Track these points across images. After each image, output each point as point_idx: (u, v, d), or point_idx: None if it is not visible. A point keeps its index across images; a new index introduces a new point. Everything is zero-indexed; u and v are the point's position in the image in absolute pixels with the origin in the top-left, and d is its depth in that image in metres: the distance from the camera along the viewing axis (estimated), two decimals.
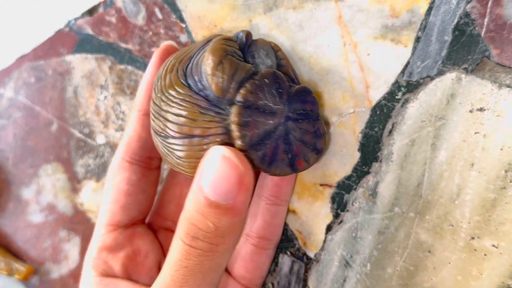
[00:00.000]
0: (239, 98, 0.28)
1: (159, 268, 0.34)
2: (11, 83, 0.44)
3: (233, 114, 0.27)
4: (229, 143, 0.28)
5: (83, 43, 0.41)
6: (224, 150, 0.26)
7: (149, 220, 0.37)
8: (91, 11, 0.41)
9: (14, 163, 0.44)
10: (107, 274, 0.32)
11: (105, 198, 0.33)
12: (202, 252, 0.26)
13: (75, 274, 0.43)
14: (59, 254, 0.43)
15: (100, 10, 0.41)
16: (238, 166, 0.26)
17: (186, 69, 0.29)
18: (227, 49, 0.28)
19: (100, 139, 0.42)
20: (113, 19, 0.40)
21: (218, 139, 0.28)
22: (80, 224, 0.43)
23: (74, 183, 0.43)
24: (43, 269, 0.44)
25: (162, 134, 0.29)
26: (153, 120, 0.29)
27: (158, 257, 0.34)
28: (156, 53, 0.33)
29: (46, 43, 0.43)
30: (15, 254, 0.45)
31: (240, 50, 0.29)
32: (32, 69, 0.43)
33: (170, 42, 0.35)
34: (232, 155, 0.26)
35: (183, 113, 0.28)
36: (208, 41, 0.30)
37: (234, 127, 0.28)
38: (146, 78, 0.33)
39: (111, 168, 0.33)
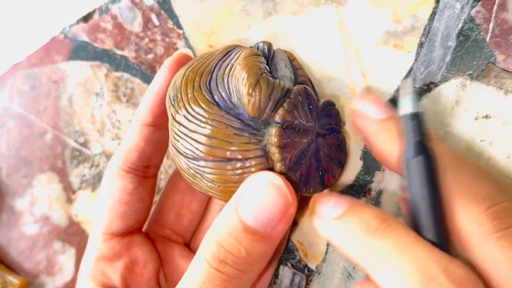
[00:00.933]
0: (277, 119, 0.26)
1: (157, 278, 0.33)
2: (5, 91, 0.43)
3: (273, 136, 0.26)
4: (268, 166, 0.27)
5: (78, 50, 0.41)
6: (273, 177, 0.26)
7: (147, 228, 0.36)
8: (86, 18, 0.40)
9: (7, 173, 0.43)
10: (106, 284, 0.31)
11: (100, 207, 0.32)
12: (228, 277, 0.26)
13: (70, 286, 0.42)
14: (53, 266, 0.42)
15: (96, 16, 0.40)
16: (287, 196, 0.26)
17: (209, 84, 0.28)
18: (260, 66, 0.27)
19: (95, 148, 0.41)
20: (109, 26, 0.39)
21: (258, 162, 0.27)
22: (75, 236, 0.42)
23: (69, 193, 0.42)
24: (37, 282, 0.43)
25: (190, 156, 0.28)
26: (177, 140, 0.28)
27: (157, 266, 0.33)
28: (168, 63, 0.32)
29: (41, 50, 0.42)
30: (8, 266, 0.44)
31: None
32: (26, 77, 0.42)
33: (185, 50, 0.35)
34: (282, 184, 0.26)
35: (217, 134, 0.27)
36: (227, 52, 0.29)
37: (274, 150, 0.26)
38: (155, 88, 0.32)
39: (106, 176, 0.33)
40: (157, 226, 0.35)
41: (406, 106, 0.27)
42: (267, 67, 0.28)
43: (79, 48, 0.40)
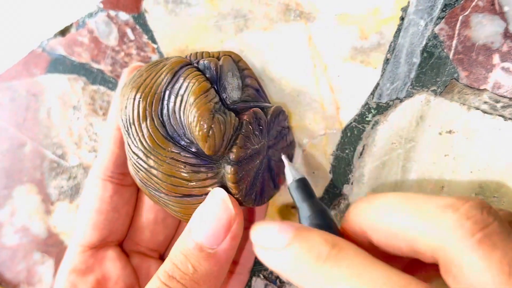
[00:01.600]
0: (232, 157, 0.27)
1: None
2: None
3: (229, 175, 0.27)
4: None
5: (56, 64, 0.41)
6: (217, 192, 0.27)
7: (123, 243, 0.36)
8: (63, 32, 0.41)
9: None
10: None
11: (78, 218, 0.33)
12: None
13: None
14: (33, 277, 0.43)
15: (73, 30, 0.40)
16: (230, 209, 0.26)
17: (161, 114, 0.28)
18: (210, 108, 0.27)
19: (73, 161, 0.41)
20: (86, 40, 0.40)
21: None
22: (53, 247, 0.42)
23: (48, 204, 0.42)
24: None
25: (152, 187, 0.28)
26: (137, 171, 0.29)
27: (130, 283, 0.33)
28: (129, 70, 0.33)
29: (19, 63, 0.42)
30: None
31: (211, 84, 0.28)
32: (5, 89, 0.43)
33: (139, 64, 0.35)
34: (226, 197, 0.27)
35: (175, 174, 0.28)
36: (174, 73, 0.29)
37: (231, 185, 0.27)
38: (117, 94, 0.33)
39: (85, 187, 0.34)
40: (131, 243, 0.35)
41: (288, 176, 0.29)
42: (216, 99, 0.28)
43: (56, 61, 0.41)
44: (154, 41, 0.38)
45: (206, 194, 0.28)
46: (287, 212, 0.36)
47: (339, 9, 0.32)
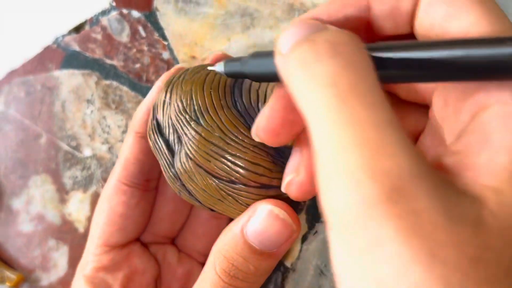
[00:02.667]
0: None
1: (155, 284, 0.35)
2: (2, 97, 0.45)
3: None
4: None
5: (70, 59, 0.43)
6: (279, 211, 0.26)
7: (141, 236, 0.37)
8: (77, 29, 0.42)
9: (5, 175, 0.45)
10: None
11: (99, 219, 0.33)
12: None
13: (64, 281, 0.44)
14: (48, 263, 0.45)
15: (87, 27, 0.42)
16: (292, 226, 0.26)
17: (235, 107, 0.28)
18: None
19: (87, 152, 0.43)
20: (99, 36, 0.41)
21: None
22: (68, 234, 0.44)
23: (62, 194, 0.44)
24: (33, 277, 0.45)
25: (225, 179, 0.27)
26: (207, 160, 0.27)
27: (154, 273, 0.35)
28: (164, 78, 0.33)
29: (35, 58, 0.44)
30: (6, 262, 0.46)
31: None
32: (21, 83, 0.44)
33: (181, 66, 0.34)
34: (287, 216, 0.26)
35: (260, 162, 0.27)
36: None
37: None
38: (149, 101, 0.32)
39: (107, 189, 0.33)
40: (149, 234, 0.36)
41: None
42: None
43: (71, 57, 0.43)
44: (164, 38, 0.39)
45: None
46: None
47: None
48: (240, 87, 0.29)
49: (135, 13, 0.40)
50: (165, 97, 0.29)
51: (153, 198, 0.35)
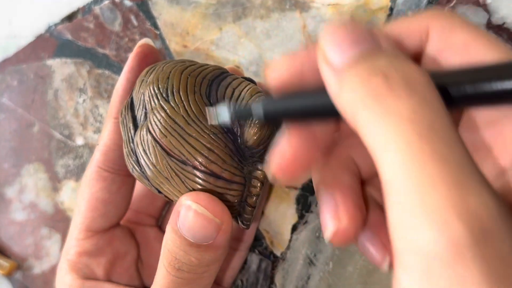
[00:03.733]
0: (259, 173, 0.28)
1: (136, 266, 0.35)
2: None
3: (262, 174, 0.28)
4: (242, 195, 0.28)
5: (63, 48, 0.42)
6: (194, 205, 0.26)
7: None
8: (70, 17, 0.42)
9: None
10: (89, 277, 0.33)
11: (81, 205, 0.33)
12: (188, 281, 0.28)
13: (56, 269, 0.44)
14: (41, 251, 0.44)
15: (79, 16, 0.42)
16: (213, 220, 0.26)
17: (208, 97, 0.28)
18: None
19: (79, 141, 0.43)
20: (91, 25, 0.41)
21: (238, 188, 0.28)
22: (60, 222, 0.44)
23: (55, 182, 0.44)
24: (26, 265, 0.45)
25: (178, 158, 0.27)
26: (164, 135, 0.27)
27: (135, 255, 0.35)
28: (132, 58, 0.32)
29: (27, 47, 0.44)
30: (0, 250, 0.46)
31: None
32: (14, 72, 0.44)
33: (146, 40, 0.33)
34: (205, 211, 0.26)
35: (216, 149, 0.27)
36: (222, 73, 0.30)
37: (258, 184, 0.28)
38: (122, 84, 0.32)
39: (88, 175, 0.33)
40: (131, 213, 0.36)
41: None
42: None
43: (63, 45, 0.42)
44: (156, 27, 0.39)
45: (232, 182, 0.27)
46: (282, 192, 0.37)
47: None
48: (219, 82, 0.29)
49: (127, 2, 0.40)
50: (145, 76, 0.29)
51: (134, 183, 0.35)
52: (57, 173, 0.44)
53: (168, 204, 0.38)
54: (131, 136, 0.28)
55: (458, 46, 0.21)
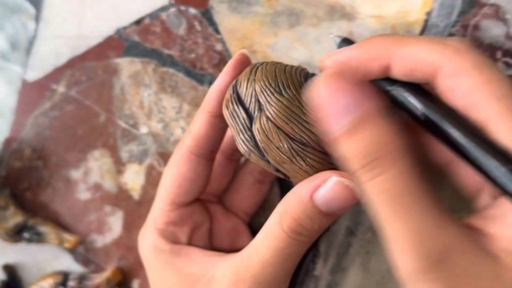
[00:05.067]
0: None
1: (209, 235, 0.41)
2: (64, 80, 0.50)
3: None
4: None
5: (130, 49, 0.48)
6: (345, 180, 0.30)
7: None
8: (138, 22, 0.48)
9: (65, 149, 0.50)
10: (176, 242, 0.38)
11: (168, 181, 0.38)
12: (303, 243, 0.33)
13: (118, 243, 0.49)
14: (103, 226, 0.50)
15: (147, 21, 0.47)
16: (357, 195, 0.30)
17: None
18: None
19: (143, 129, 0.48)
20: (158, 29, 0.47)
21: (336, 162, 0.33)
22: (123, 201, 0.49)
23: (119, 166, 0.49)
24: (89, 239, 0.50)
25: (298, 140, 0.33)
26: (286, 123, 0.33)
27: (209, 226, 0.41)
28: (232, 62, 0.37)
29: (97, 47, 0.49)
30: (64, 227, 0.51)
31: None
32: (83, 69, 0.50)
33: (244, 50, 0.38)
34: (353, 185, 0.30)
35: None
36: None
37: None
38: (219, 84, 0.37)
39: (177, 157, 0.38)
40: (203, 193, 0.42)
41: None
42: None
43: (131, 46, 0.48)
44: (218, 32, 0.45)
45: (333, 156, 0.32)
46: None
47: (376, 11, 0.40)
48: (309, 79, 0.35)
49: (192, 10, 0.45)
50: (250, 74, 0.34)
51: (212, 167, 0.40)
52: (121, 158, 0.49)
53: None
54: (247, 125, 0.34)
55: (462, 91, 0.26)
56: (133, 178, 0.49)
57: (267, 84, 0.34)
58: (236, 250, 0.36)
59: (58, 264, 0.51)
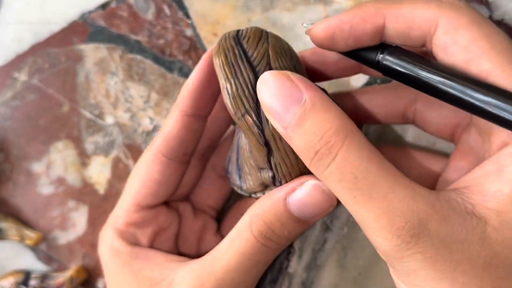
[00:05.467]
0: None
1: (176, 237, 0.38)
2: (26, 68, 0.47)
3: None
4: None
5: (96, 34, 0.45)
6: (325, 187, 0.28)
7: None
8: (104, 6, 0.45)
9: (26, 140, 0.47)
10: (135, 244, 0.36)
11: (135, 181, 0.36)
12: (271, 250, 0.30)
13: (82, 240, 0.47)
14: (67, 222, 0.47)
15: (113, 5, 0.45)
16: (333, 199, 0.29)
17: None
18: None
19: (109, 120, 0.45)
20: (125, 14, 0.44)
21: None
22: (88, 195, 0.46)
23: (84, 158, 0.46)
24: (51, 236, 0.47)
25: None
26: None
27: (175, 228, 0.38)
28: (205, 60, 0.34)
29: (60, 32, 0.46)
30: (25, 223, 0.48)
31: None
32: (46, 55, 0.47)
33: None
34: (329, 190, 0.28)
35: None
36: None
37: None
38: (193, 82, 0.34)
39: (146, 157, 0.36)
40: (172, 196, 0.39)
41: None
42: None
43: (96, 32, 0.45)
44: (188, 17, 0.43)
45: None
46: None
47: None
48: None
49: None
50: (262, 35, 0.33)
51: (185, 170, 0.38)
52: (86, 150, 0.46)
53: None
54: (251, 82, 0.30)
55: (461, 46, 0.25)
56: (99, 171, 0.46)
57: (283, 53, 0.32)
58: (202, 254, 0.33)
59: (19, 262, 0.48)
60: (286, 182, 0.30)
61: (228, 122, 0.40)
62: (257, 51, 0.31)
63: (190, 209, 0.40)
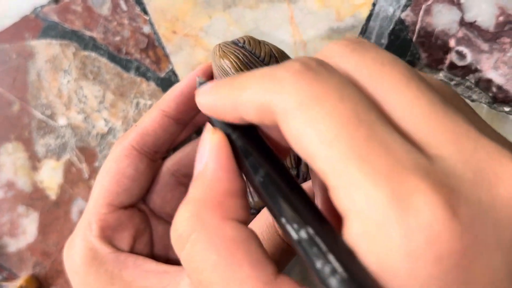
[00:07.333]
0: None
1: (151, 243, 0.35)
2: None
3: None
4: None
5: (48, 29, 0.42)
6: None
7: None
8: (57, 0, 0.42)
9: None
10: (115, 250, 0.32)
11: (105, 179, 0.33)
12: None
13: (32, 247, 0.43)
14: (17, 229, 0.44)
15: None
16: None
17: None
18: None
19: (61, 121, 0.42)
20: (79, 8, 0.41)
21: None
22: (39, 201, 0.43)
23: (34, 161, 0.43)
24: (0, 243, 0.44)
25: None
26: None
27: (150, 232, 0.35)
28: (202, 66, 0.33)
29: (11, 27, 0.43)
30: None
31: None
32: None
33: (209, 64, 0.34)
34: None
35: None
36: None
37: None
38: (181, 87, 0.33)
39: (117, 151, 0.33)
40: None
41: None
42: None
43: (49, 27, 0.42)
44: (146, 13, 0.39)
45: None
46: None
47: None
48: None
49: None
50: (260, 41, 0.33)
51: (156, 171, 0.36)
52: (37, 152, 0.43)
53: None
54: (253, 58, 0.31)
55: (295, 138, 0.17)
56: (50, 176, 0.43)
57: (283, 53, 0.32)
58: (172, 260, 0.30)
59: None
60: None
61: (193, 129, 0.38)
62: (263, 51, 0.32)
63: (153, 214, 0.37)
